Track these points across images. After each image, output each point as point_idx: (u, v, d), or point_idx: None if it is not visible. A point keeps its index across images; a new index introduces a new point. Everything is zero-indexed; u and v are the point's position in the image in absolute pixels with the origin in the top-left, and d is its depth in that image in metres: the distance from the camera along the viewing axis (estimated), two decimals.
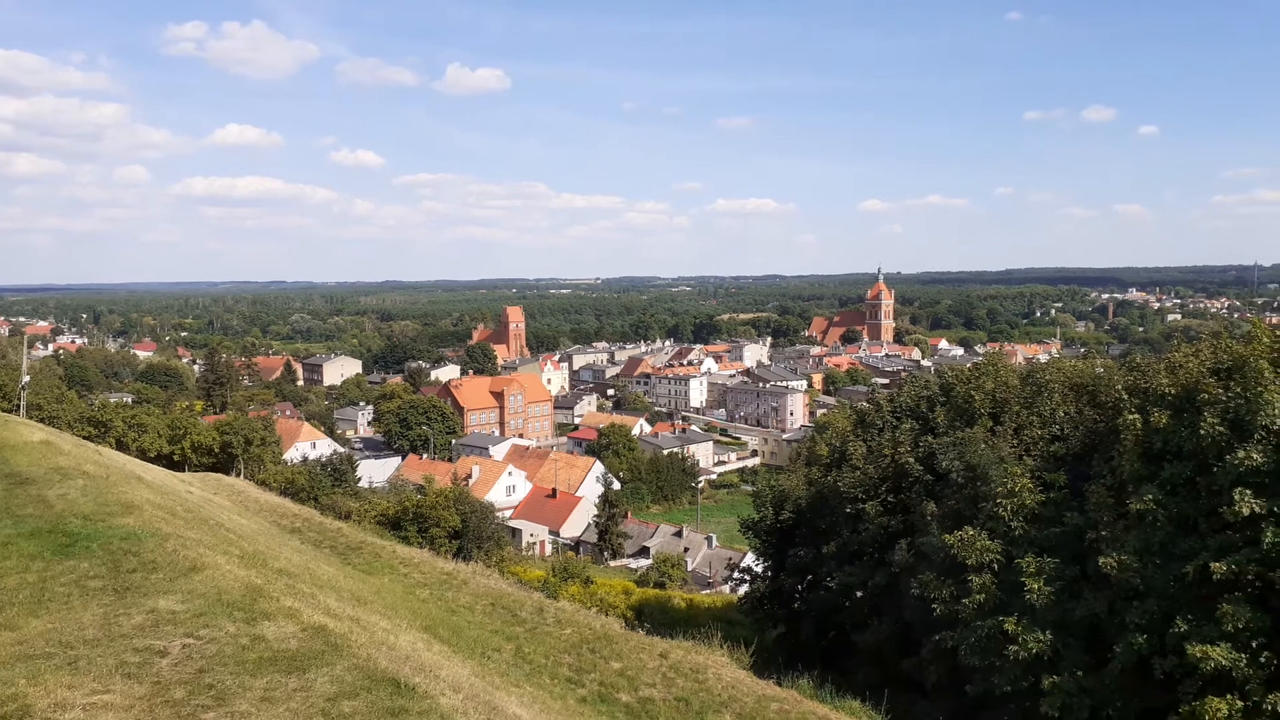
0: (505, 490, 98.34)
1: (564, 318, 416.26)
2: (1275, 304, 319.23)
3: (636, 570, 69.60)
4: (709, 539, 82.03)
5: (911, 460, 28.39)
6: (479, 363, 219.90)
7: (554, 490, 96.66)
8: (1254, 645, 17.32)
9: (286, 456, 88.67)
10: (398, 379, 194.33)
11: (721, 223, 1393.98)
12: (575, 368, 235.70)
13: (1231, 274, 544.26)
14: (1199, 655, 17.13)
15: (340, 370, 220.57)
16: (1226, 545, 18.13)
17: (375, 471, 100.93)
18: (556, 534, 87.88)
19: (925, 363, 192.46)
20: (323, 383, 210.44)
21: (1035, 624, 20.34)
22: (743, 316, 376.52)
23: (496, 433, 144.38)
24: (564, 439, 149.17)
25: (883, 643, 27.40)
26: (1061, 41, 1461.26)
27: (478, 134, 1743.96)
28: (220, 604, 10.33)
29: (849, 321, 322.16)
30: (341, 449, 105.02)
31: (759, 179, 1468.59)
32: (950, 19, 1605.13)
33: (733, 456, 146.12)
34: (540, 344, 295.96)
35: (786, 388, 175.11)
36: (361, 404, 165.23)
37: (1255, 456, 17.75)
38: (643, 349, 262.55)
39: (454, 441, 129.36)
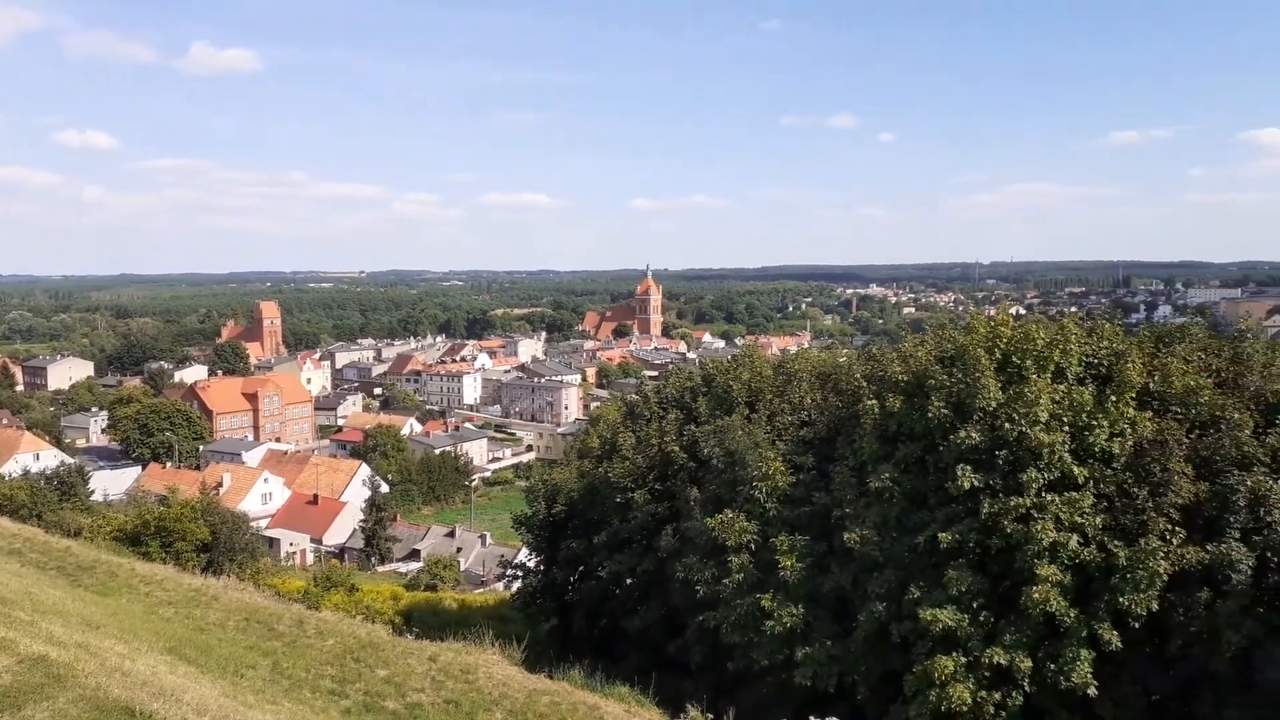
0: (261, 498, 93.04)
1: (325, 313, 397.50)
2: (992, 298, 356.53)
3: (407, 574, 67.68)
4: (483, 537, 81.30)
5: (676, 449, 29.41)
6: (229, 362, 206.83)
7: (315, 496, 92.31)
8: (974, 606, 19.28)
9: (4, 470, 79.86)
10: (136, 381, 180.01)
11: (495, 216, 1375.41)
12: (338, 366, 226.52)
13: (957, 271, 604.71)
14: (929, 619, 18.86)
15: (68, 373, 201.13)
16: (951, 517, 20.05)
17: (111, 483, 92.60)
18: (319, 542, 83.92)
19: (690, 355, 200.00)
20: (47, 387, 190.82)
21: (789, 599, 21.63)
22: (517, 311, 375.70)
23: (250, 437, 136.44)
24: (326, 442, 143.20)
25: (651, 627, 28.22)
26: (813, 50, 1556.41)
27: (227, 118, 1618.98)
28: None
29: (620, 316, 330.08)
30: (71, 460, 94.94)
31: (533, 174, 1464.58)
32: (715, 24, 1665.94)
33: (508, 453, 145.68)
34: (299, 341, 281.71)
35: (561, 382, 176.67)
36: (94, 410, 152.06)
37: (974, 436, 19.72)
38: (413, 345, 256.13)
39: (202, 448, 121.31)
